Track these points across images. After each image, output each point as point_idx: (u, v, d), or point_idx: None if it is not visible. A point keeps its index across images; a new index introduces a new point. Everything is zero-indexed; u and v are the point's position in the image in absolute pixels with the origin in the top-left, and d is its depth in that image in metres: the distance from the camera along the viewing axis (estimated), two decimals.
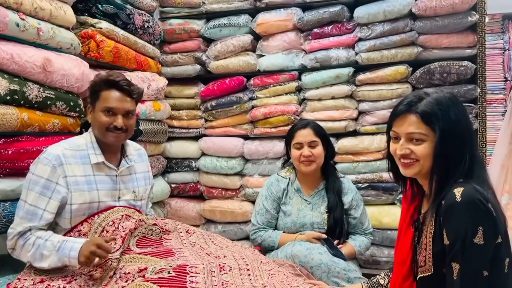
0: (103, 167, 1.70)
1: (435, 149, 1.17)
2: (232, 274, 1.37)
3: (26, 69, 1.80)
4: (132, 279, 1.34)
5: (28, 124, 1.84)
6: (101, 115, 1.66)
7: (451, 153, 1.17)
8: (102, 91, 1.67)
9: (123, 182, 1.76)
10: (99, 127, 1.67)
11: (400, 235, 1.46)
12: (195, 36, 3.08)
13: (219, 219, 3.08)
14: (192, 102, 3.15)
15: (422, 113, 1.18)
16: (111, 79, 1.68)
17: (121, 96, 1.68)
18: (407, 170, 1.25)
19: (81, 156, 1.66)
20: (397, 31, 2.67)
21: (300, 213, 2.08)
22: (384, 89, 2.73)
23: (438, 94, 1.21)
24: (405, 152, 1.22)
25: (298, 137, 2.07)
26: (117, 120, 1.66)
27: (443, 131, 1.16)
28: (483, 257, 1.09)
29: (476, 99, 2.61)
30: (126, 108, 1.69)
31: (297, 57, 2.93)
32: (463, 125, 1.19)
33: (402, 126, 1.22)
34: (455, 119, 1.17)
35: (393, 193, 2.74)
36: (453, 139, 1.17)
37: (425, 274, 1.22)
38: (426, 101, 1.19)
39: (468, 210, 1.09)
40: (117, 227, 1.54)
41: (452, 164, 1.17)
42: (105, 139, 1.69)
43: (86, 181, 1.64)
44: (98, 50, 2.29)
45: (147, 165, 1.95)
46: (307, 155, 2.04)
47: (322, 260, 1.78)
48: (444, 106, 1.18)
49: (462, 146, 1.17)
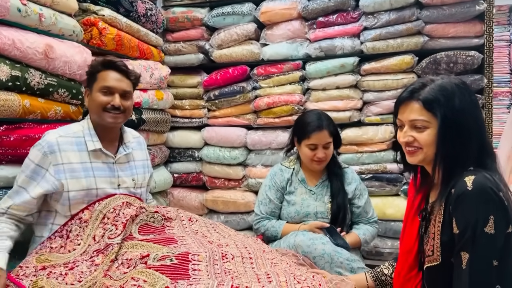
0: (100, 154, 1.70)
1: (438, 136, 1.15)
2: (235, 262, 1.37)
3: (28, 55, 1.79)
4: (134, 265, 1.33)
5: (30, 111, 1.83)
6: (99, 95, 1.67)
7: (455, 140, 1.15)
8: (100, 72, 1.69)
9: (122, 169, 1.76)
10: (97, 107, 1.68)
11: (406, 225, 1.44)
12: (198, 24, 3.06)
13: (222, 209, 3.07)
14: (195, 91, 3.13)
15: (424, 99, 1.17)
16: (108, 59, 1.70)
17: (119, 76, 1.71)
18: (411, 158, 1.24)
19: (77, 143, 1.66)
20: (403, 20, 2.64)
21: (304, 202, 2.07)
22: (390, 79, 2.71)
23: (443, 81, 1.20)
24: (408, 139, 1.22)
25: (313, 138, 2.01)
26: (115, 100, 1.67)
27: (445, 117, 1.14)
28: (493, 246, 1.07)
29: (482, 90, 2.58)
30: (123, 87, 1.71)
31: (302, 46, 2.90)
32: (469, 113, 1.16)
33: (405, 114, 1.22)
34: (459, 106, 1.15)
35: (397, 184, 2.73)
36: (457, 126, 1.14)
37: (432, 264, 1.20)
38: (429, 87, 1.18)
39: (479, 198, 1.08)
40: (117, 214, 1.54)
41: (458, 152, 1.15)
42: (102, 120, 1.69)
43: (82, 168, 1.64)
44: (100, 38, 2.28)
45: (146, 154, 1.95)
46: (322, 157, 2.02)
47: (325, 250, 1.77)
48: (448, 92, 1.16)
49: (468, 134, 1.15)
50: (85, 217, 1.55)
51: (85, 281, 1.32)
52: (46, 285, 1.29)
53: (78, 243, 1.49)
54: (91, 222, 1.52)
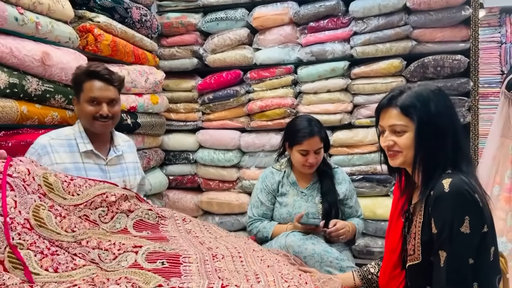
0: (92, 155, 1.77)
1: (415, 139, 1.22)
2: (225, 261, 1.40)
3: (25, 63, 1.83)
4: (125, 250, 1.35)
5: (27, 117, 1.87)
6: (86, 106, 1.73)
7: (432, 143, 1.21)
8: (85, 82, 1.74)
9: (113, 171, 1.82)
10: (86, 117, 1.74)
11: (391, 225, 1.50)
12: (192, 29, 3.10)
13: (217, 211, 3.11)
14: (189, 95, 3.17)
15: (401, 105, 1.23)
16: (91, 69, 1.75)
17: (103, 85, 1.75)
18: (392, 161, 1.30)
19: (69, 145, 1.73)
20: (391, 25, 2.70)
21: (295, 204, 2.12)
22: (379, 83, 2.76)
23: (419, 88, 1.26)
24: (389, 143, 1.28)
25: (305, 145, 2.04)
26: (102, 109, 1.73)
27: (421, 121, 1.21)
28: (469, 245, 1.13)
29: (469, 93, 2.64)
30: (109, 96, 1.76)
31: (293, 51, 2.95)
32: (445, 117, 1.22)
33: (385, 119, 1.28)
34: (435, 110, 1.21)
35: (387, 185, 2.78)
36: (433, 130, 1.20)
37: (414, 263, 1.25)
38: (406, 94, 1.25)
39: (455, 200, 1.13)
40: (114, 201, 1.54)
41: (436, 154, 1.21)
42: (93, 128, 1.75)
43: (75, 167, 1.70)
44: (96, 44, 2.30)
45: (136, 157, 2.01)
46: (313, 162, 2.06)
47: (315, 250, 1.81)
48: (423, 98, 1.22)
49: (444, 137, 1.21)
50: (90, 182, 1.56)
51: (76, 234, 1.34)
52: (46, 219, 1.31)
53: (78, 192, 1.48)
54: (93, 188, 1.53)
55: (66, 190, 1.47)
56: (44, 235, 1.29)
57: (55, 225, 1.34)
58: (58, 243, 1.30)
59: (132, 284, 1.20)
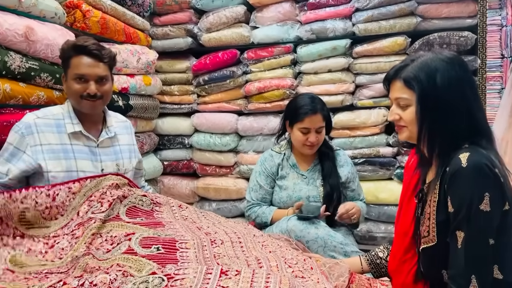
0: (81, 136, 1.68)
1: (416, 112, 1.15)
2: (225, 247, 1.34)
3: (7, 38, 1.75)
4: (118, 242, 1.31)
5: (11, 96, 1.79)
6: (73, 83, 1.64)
7: (438, 117, 1.13)
8: (72, 58, 1.63)
9: (105, 153, 1.74)
10: (73, 95, 1.65)
11: (402, 207, 1.42)
12: (186, 7, 3.02)
13: (213, 197, 3.07)
14: (184, 76, 3.11)
15: (404, 77, 1.17)
16: (78, 44, 1.65)
17: (92, 61, 1.65)
18: (399, 135, 1.26)
19: (56, 125, 1.65)
20: (395, 0, 2.64)
21: (296, 187, 2.06)
22: (382, 61, 2.70)
23: (427, 57, 1.17)
24: (394, 117, 1.23)
25: (307, 122, 1.98)
26: (90, 87, 1.64)
27: (423, 93, 1.14)
28: (489, 224, 1.04)
29: (476, 71, 2.59)
30: (97, 73, 1.65)
31: (293, 29, 2.88)
32: (454, 89, 1.13)
33: (391, 92, 1.24)
34: (441, 82, 1.12)
35: (390, 168, 2.73)
36: (438, 103, 1.12)
37: (428, 245, 1.18)
38: (411, 65, 1.18)
39: (474, 175, 1.05)
40: (104, 192, 1.52)
41: (444, 130, 1.13)
42: (81, 107, 1.67)
43: (62, 149, 1.63)
44: (84, 21, 2.24)
45: (133, 139, 1.93)
46: (314, 141, 1.99)
47: (318, 234, 1.75)
48: (429, 69, 1.14)
49: (453, 111, 1.12)
50: (75, 189, 1.52)
51: (65, 258, 1.30)
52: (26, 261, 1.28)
53: (62, 213, 1.47)
54: (78, 196, 1.50)
55: (48, 217, 1.46)
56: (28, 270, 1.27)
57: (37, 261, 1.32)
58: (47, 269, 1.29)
59: (123, 272, 1.14)
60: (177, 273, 1.10)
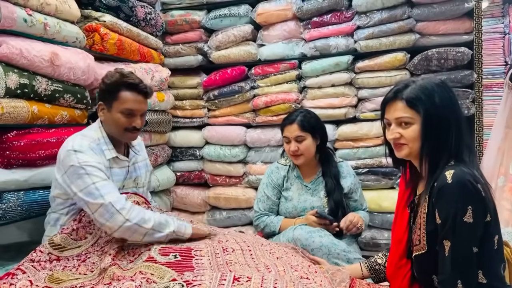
0: (117, 160, 1.76)
1: (421, 131, 1.24)
2: (236, 254, 1.44)
3: (34, 63, 1.85)
4: (139, 253, 1.41)
5: (38, 117, 1.90)
6: (120, 116, 1.69)
7: (437, 135, 1.24)
8: (121, 92, 1.68)
9: (132, 171, 1.84)
10: (117, 127, 1.71)
11: (397, 216, 1.53)
12: (197, 27, 3.12)
13: (224, 206, 3.14)
14: (195, 92, 3.19)
15: (407, 98, 1.26)
16: (131, 81, 1.70)
17: (141, 98, 1.73)
18: (398, 153, 1.33)
19: (99, 149, 1.69)
20: (395, 18, 2.70)
21: (300, 198, 2.15)
22: (383, 76, 2.77)
23: (423, 81, 1.29)
24: (395, 136, 1.30)
25: (285, 132, 2.14)
26: (136, 121, 1.71)
27: (427, 113, 1.24)
28: (472, 234, 1.15)
29: (473, 85, 2.65)
30: (144, 109, 1.75)
31: (297, 46, 2.97)
32: (449, 109, 1.25)
33: (391, 112, 1.31)
34: (439, 103, 1.24)
35: (392, 178, 2.80)
36: (438, 121, 1.23)
37: (420, 252, 1.28)
38: (411, 87, 1.28)
39: (458, 191, 1.15)
40: None
41: (440, 146, 1.24)
42: (122, 137, 1.75)
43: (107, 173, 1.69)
44: (102, 43, 2.33)
45: (145, 153, 2.02)
46: (293, 150, 2.10)
47: (322, 242, 1.84)
48: (428, 91, 1.25)
49: (448, 129, 1.23)
50: None
51: (96, 271, 1.40)
52: (62, 276, 1.38)
53: (90, 232, 1.57)
54: None
55: (77, 238, 1.56)
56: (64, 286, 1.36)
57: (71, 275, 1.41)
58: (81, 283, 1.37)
59: (146, 279, 1.24)
60: (194, 279, 1.21)
